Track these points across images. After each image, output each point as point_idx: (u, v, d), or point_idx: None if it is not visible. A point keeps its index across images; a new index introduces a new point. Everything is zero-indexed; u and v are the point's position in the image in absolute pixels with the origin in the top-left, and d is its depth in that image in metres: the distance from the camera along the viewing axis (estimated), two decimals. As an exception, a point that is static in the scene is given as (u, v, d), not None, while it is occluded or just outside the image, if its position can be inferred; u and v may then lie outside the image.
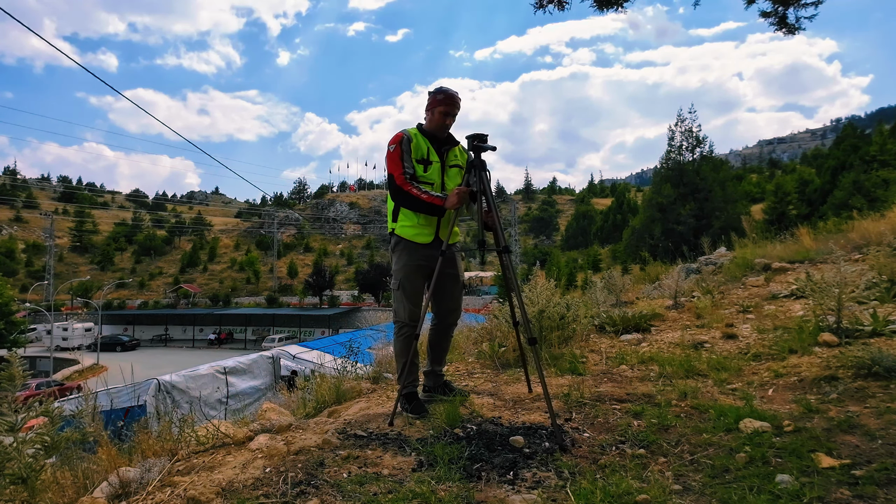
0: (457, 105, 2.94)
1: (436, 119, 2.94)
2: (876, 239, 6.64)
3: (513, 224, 56.57)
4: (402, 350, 2.93)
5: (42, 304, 44.75)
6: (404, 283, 2.93)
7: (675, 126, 37.80)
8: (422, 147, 2.95)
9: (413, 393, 2.90)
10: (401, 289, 2.94)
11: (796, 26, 4.73)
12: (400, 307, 2.96)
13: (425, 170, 2.93)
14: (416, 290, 2.95)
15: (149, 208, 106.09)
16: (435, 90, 2.97)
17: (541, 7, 4.76)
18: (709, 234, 22.81)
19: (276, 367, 11.98)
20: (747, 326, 4.31)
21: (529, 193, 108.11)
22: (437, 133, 2.98)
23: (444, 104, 2.92)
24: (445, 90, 2.93)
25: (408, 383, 2.89)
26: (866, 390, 2.63)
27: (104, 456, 2.34)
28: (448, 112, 2.93)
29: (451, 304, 3.04)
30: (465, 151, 3.03)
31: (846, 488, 1.76)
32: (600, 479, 1.94)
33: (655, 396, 2.89)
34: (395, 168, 2.89)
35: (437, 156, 2.97)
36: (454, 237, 2.99)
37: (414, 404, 2.83)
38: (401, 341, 2.95)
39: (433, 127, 2.97)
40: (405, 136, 2.95)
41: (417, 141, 2.95)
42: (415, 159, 2.91)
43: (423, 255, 2.91)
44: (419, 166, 2.92)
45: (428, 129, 2.99)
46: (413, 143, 2.93)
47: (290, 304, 54.21)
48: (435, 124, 2.95)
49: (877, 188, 31.96)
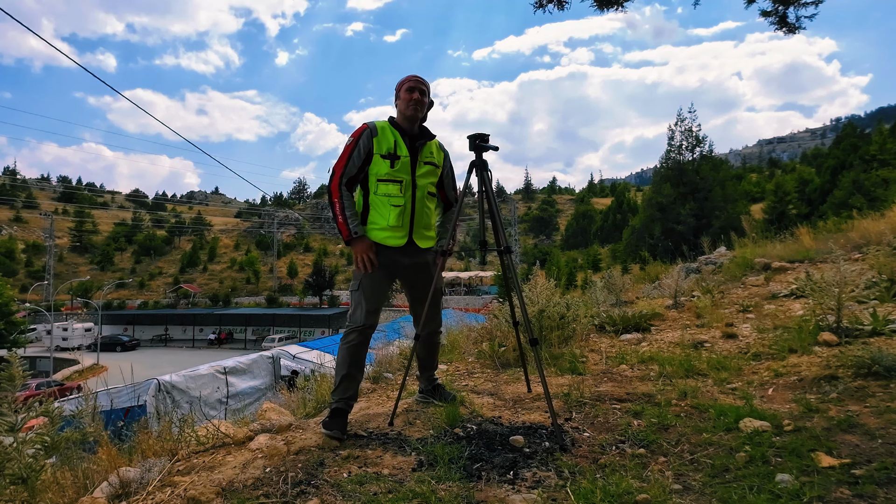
0: (422, 82, 2.68)
1: (403, 101, 2.66)
2: (876, 238, 6.65)
3: (513, 224, 56.58)
4: (346, 360, 2.59)
5: (42, 305, 44.77)
6: (365, 283, 2.61)
7: (674, 125, 37.80)
8: (389, 139, 2.64)
9: (341, 410, 2.54)
10: (360, 289, 2.61)
11: (796, 25, 4.74)
12: (357, 311, 2.61)
13: (392, 165, 2.61)
14: (377, 294, 2.64)
15: (148, 208, 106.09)
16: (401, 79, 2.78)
17: (540, 6, 4.76)
18: (709, 233, 22.80)
19: (276, 367, 11.98)
20: (747, 326, 4.31)
21: (529, 193, 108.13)
22: (408, 122, 2.69)
23: (408, 81, 2.67)
24: (410, 76, 2.72)
25: (340, 398, 2.56)
26: (866, 389, 2.63)
27: (104, 456, 2.34)
28: (414, 87, 2.65)
29: (430, 313, 2.79)
30: (442, 149, 2.83)
31: (846, 487, 1.76)
32: (600, 478, 1.94)
33: (655, 396, 2.89)
34: (339, 165, 2.60)
35: (406, 149, 2.65)
36: (429, 241, 2.75)
37: (335, 421, 2.48)
38: (346, 349, 2.59)
39: (403, 115, 2.69)
40: (368, 129, 2.65)
41: (385, 133, 2.65)
42: (379, 154, 2.61)
43: (392, 259, 2.65)
44: (384, 162, 2.61)
45: (400, 122, 2.70)
46: (377, 137, 2.63)
47: (290, 304, 54.24)
48: (403, 109, 2.67)
49: (877, 187, 31.99)
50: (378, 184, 2.63)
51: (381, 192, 2.63)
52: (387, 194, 2.62)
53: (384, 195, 2.63)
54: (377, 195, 2.64)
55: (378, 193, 2.63)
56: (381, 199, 2.63)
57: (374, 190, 2.64)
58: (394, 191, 2.63)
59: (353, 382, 2.60)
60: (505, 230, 2.80)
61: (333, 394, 2.59)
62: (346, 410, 2.57)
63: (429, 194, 2.72)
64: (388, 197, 2.62)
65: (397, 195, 2.63)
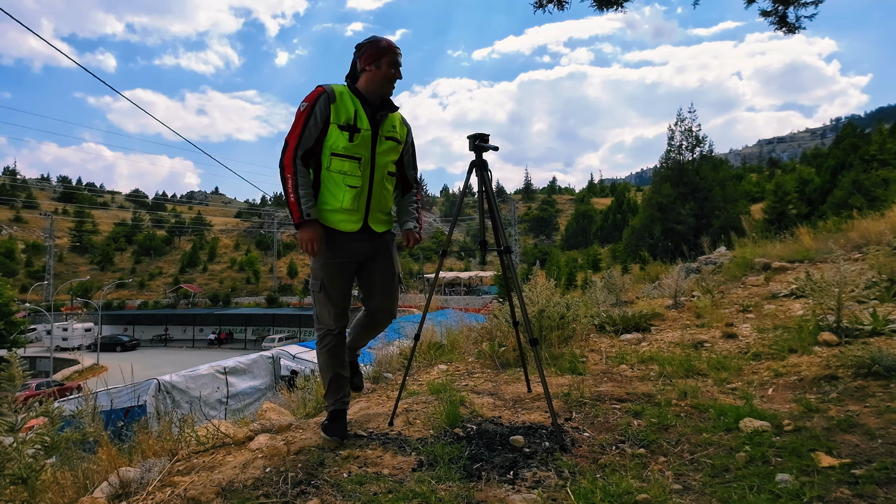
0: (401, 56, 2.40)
1: (382, 74, 2.34)
2: (876, 238, 6.65)
3: (513, 224, 56.59)
4: (328, 363, 2.46)
5: (42, 305, 44.76)
6: (327, 284, 2.40)
7: (674, 125, 37.80)
8: (348, 107, 2.32)
9: (341, 411, 2.47)
10: (323, 291, 2.41)
11: (796, 25, 4.75)
12: (324, 311, 2.43)
13: (351, 138, 2.30)
14: (342, 292, 2.43)
15: (148, 208, 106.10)
16: (370, 40, 2.37)
17: (540, 7, 4.77)
18: (708, 233, 22.80)
19: (276, 367, 11.99)
20: (747, 326, 4.31)
21: (529, 193, 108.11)
22: (376, 94, 2.37)
23: (391, 51, 2.34)
24: (385, 39, 2.37)
25: (337, 399, 2.47)
26: (866, 389, 2.63)
27: (104, 456, 2.35)
28: (396, 63, 2.36)
29: (384, 301, 2.55)
30: (405, 124, 2.56)
31: (846, 487, 1.76)
32: (600, 478, 1.95)
33: (655, 396, 2.89)
34: (293, 135, 2.28)
35: (367, 122, 2.34)
36: (386, 226, 2.50)
37: (335, 424, 2.42)
38: (326, 353, 2.46)
39: (375, 86, 2.36)
40: (326, 93, 2.30)
41: (343, 100, 2.32)
42: (337, 124, 2.30)
43: (347, 247, 2.38)
44: (343, 134, 2.29)
45: (365, 92, 2.36)
46: (335, 104, 2.30)
47: (290, 304, 54.21)
48: (379, 82, 2.35)
49: (876, 187, 31.99)
50: (332, 158, 2.32)
51: (335, 168, 2.33)
52: (341, 171, 2.33)
53: (338, 172, 2.33)
54: (330, 171, 2.34)
55: (331, 170, 2.33)
56: (335, 177, 2.34)
57: (328, 165, 2.34)
58: (350, 168, 2.33)
59: (343, 381, 2.50)
60: (505, 230, 2.80)
61: (327, 397, 2.51)
62: (344, 410, 2.50)
63: (388, 174, 2.46)
64: (342, 175, 2.33)
65: (354, 174, 2.34)
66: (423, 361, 4.28)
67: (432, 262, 72.04)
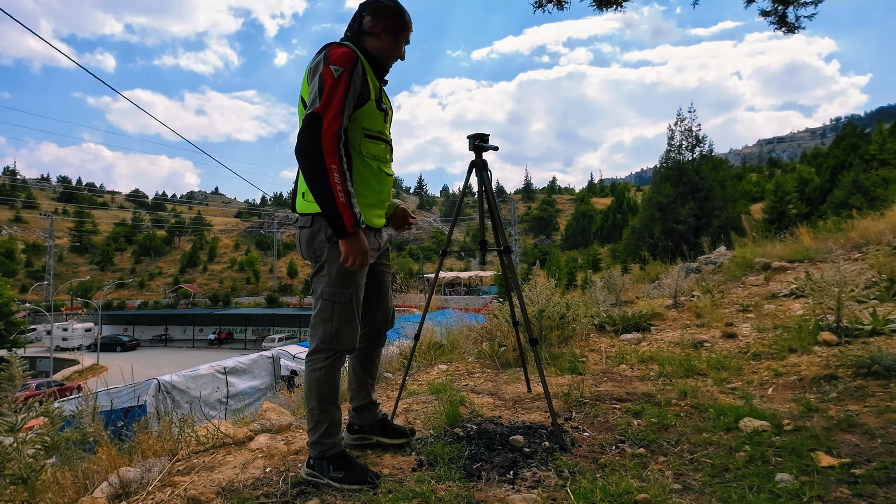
0: None
1: (396, 46, 2.03)
2: (875, 238, 6.65)
3: (513, 224, 56.58)
4: (335, 393, 1.98)
5: (42, 305, 44.77)
6: (356, 294, 1.95)
7: (674, 125, 37.79)
8: (374, 81, 1.96)
9: (345, 453, 2.01)
10: (353, 303, 1.94)
11: (796, 25, 4.74)
12: (347, 328, 1.94)
13: (385, 120, 2.00)
14: (360, 303, 2.00)
15: (148, 208, 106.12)
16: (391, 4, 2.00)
17: (540, 6, 4.76)
18: (708, 233, 22.83)
19: (276, 367, 12.00)
20: (747, 325, 4.31)
21: (529, 193, 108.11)
22: (384, 65, 2.02)
23: (410, 27, 2.05)
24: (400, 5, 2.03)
25: (338, 440, 2.00)
26: (866, 389, 2.63)
27: (104, 456, 2.35)
28: (407, 40, 2.08)
29: (388, 307, 2.23)
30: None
31: (846, 487, 1.76)
32: (600, 478, 1.95)
33: (655, 396, 2.89)
34: (329, 109, 1.76)
35: (388, 100, 2.06)
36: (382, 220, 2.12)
37: (355, 469, 1.96)
38: (334, 381, 1.98)
39: (384, 58, 2.01)
40: (359, 60, 1.86)
41: (368, 70, 1.92)
42: (374, 100, 1.93)
43: (371, 245, 1.99)
44: (379, 115, 1.94)
45: (381, 61, 2.00)
46: (369, 76, 1.92)
47: (290, 304, 54.22)
48: (388, 57, 2.02)
49: (876, 187, 31.97)
50: (365, 141, 1.93)
51: (369, 152, 1.95)
52: (376, 157, 1.97)
53: (373, 157, 1.96)
54: (364, 157, 1.94)
55: (365, 155, 1.94)
56: (370, 164, 1.96)
57: (360, 149, 1.92)
58: (383, 152, 2.01)
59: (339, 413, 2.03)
60: (505, 230, 2.80)
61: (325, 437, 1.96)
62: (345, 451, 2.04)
63: None
64: (377, 160, 1.98)
65: (387, 159, 2.04)
66: (423, 361, 4.28)
67: (432, 262, 72.04)
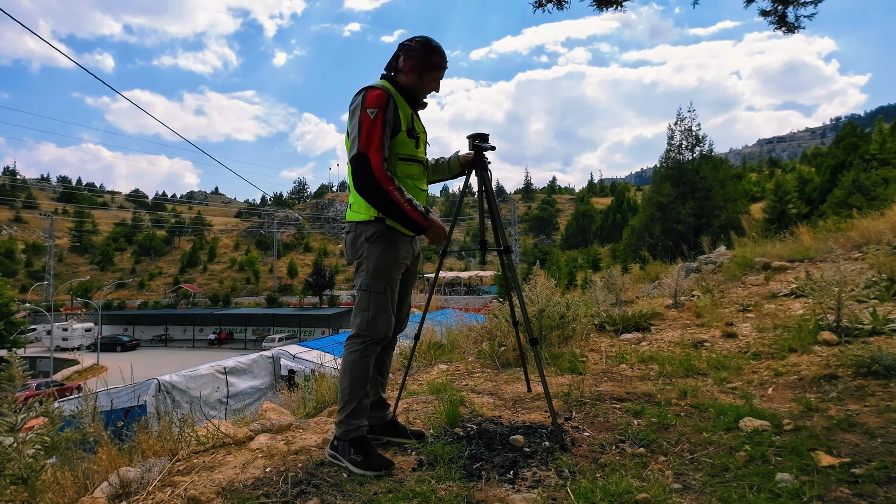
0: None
1: (431, 80, 2.31)
2: (875, 237, 6.64)
3: (512, 223, 56.59)
4: (364, 378, 2.21)
5: (42, 305, 44.75)
6: (392, 287, 2.25)
7: (674, 125, 37.80)
8: (406, 111, 2.25)
9: (367, 439, 2.20)
10: (388, 292, 2.22)
11: (795, 25, 4.74)
12: (381, 317, 2.21)
13: (417, 145, 2.29)
14: (395, 297, 2.31)
15: (148, 208, 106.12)
16: (423, 43, 2.26)
17: (540, 6, 4.76)
18: (708, 232, 22.77)
19: (276, 367, 12.00)
20: (747, 325, 4.31)
21: (529, 193, 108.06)
22: (417, 97, 2.32)
23: (441, 68, 2.30)
24: (439, 48, 2.29)
25: (363, 424, 2.21)
26: (866, 389, 2.63)
27: (104, 456, 2.34)
28: (439, 80, 2.34)
29: (406, 310, 2.52)
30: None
31: (846, 486, 1.76)
32: (600, 478, 1.95)
33: (655, 395, 2.89)
34: (371, 146, 2.09)
35: (422, 126, 2.35)
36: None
37: (374, 456, 2.13)
38: (367, 365, 2.22)
39: (422, 91, 2.31)
40: (392, 98, 2.18)
41: (402, 104, 2.24)
42: (405, 130, 2.23)
43: (411, 250, 2.34)
44: (409, 141, 2.24)
45: (414, 92, 2.29)
46: (401, 110, 2.22)
47: (290, 304, 54.24)
48: (427, 88, 2.32)
49: (876, 187, 31.94)
50: (399, 163, 2.26)
51: (403, 172, 2.27)
52: (410, 176, 2.29)
53: (407, 177, 2.28)
54: (399, 177, 2.25)
55: (400, 175, 2.26)
56: (405, 182, 2.27)
57: (396, 171, 2.25)
58: (418, 172, 2.33)
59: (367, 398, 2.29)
60: (505, 230, 2.79)
61: (351, 418, 2.17)
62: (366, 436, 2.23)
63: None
64: (411, 179, 2.30)
65: (422, 178, 2.35)
66: (423, 361, 4.28)
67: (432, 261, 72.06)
